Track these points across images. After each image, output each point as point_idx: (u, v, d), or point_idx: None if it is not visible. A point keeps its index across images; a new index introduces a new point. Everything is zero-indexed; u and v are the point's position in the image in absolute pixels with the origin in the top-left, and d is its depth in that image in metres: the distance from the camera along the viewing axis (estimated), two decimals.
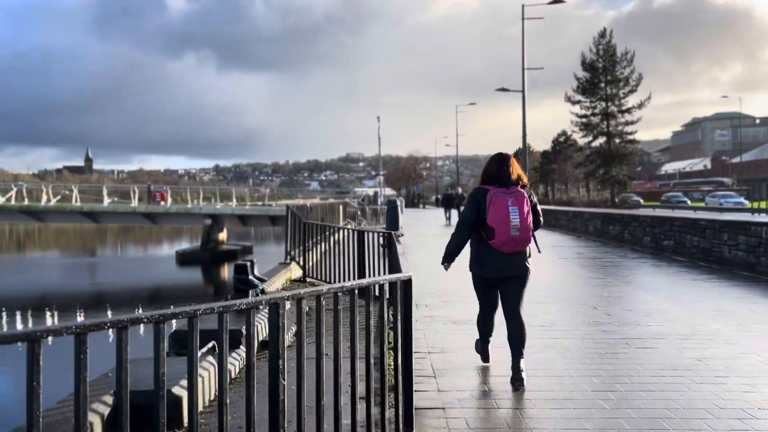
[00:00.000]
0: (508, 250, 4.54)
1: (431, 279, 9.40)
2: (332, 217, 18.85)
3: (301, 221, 9.63)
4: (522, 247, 4.58)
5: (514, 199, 4.49)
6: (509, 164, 4.67)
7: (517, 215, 4.45)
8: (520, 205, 4.48)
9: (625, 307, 7.60)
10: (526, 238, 4.54)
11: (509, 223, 4.42)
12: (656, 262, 12.91)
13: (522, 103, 28.48)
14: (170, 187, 50.64)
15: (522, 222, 4.45)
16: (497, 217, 4.43)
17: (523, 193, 4.56)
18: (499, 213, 4.44)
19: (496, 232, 4.45)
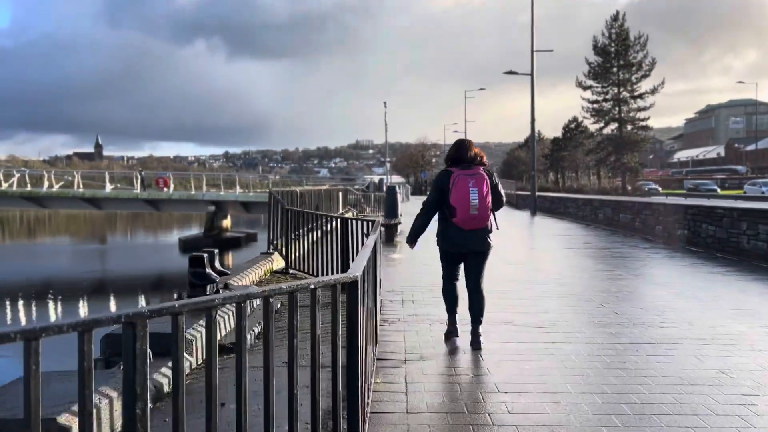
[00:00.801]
0: (469, 227, 4.97)
1: (425, 272, 8.69)
2: (330, 204, 18.10)
3: (283, 208, 8.90)
4: (481, 224, 4.99)
5: (475, 181, 4.89)
6: (467, 146, 5.14)
7: (476, 195, 4.87)
8: (480, 187, 4.89)
9: (635, 305, 6.83)
10: (485, 216, 4.96)
11: (469, 202, 4.85)
12: (669, 253, 12.10)
13: (531, 87, 27.50)
14: (173, 173, 50.11)
15: (481, 202, 4.88)
16: (458, 198, 4.86)
17: (483, 175, 4.95)
18: (460, 193, 4.86)
19: (457, 211, 4.89)
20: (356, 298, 2.51)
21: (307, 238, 9.23)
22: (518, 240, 15.19)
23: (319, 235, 8.84)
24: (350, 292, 2.52)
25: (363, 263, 2.77)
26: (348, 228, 7.43)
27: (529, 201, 29.41)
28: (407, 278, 8.65)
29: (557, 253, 11.97)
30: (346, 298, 2.53)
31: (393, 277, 8.81)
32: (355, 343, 2.51)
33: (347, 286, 2.52)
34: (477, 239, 5.05)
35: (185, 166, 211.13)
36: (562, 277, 8.79)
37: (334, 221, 7.78)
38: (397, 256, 11.39)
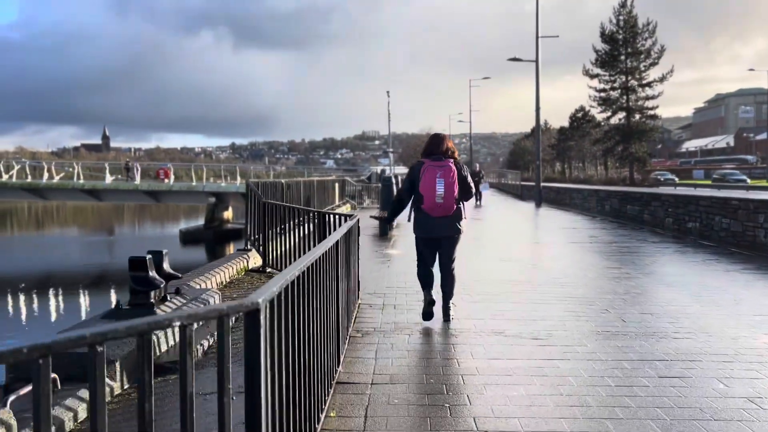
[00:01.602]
0: (436, 215, 5.39)
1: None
2: (324, 196, 17.37)
3: (261, 201, 8.18)
4: (447, 212, 5.38)
5: (443, 172, 5.30)
6: (440, 140, 5.56)
7: (442, 186, 5.27)
8: (447, 178, 5.29)
9: (645, 309, 6.08)
10: (450, 205, 5.34)
11: (435, 191, 5.27)
12: (680, 248, 11.31)
13: (536, 73, 26.59)
14: (174, 164, 49.57)
15: (446, 191, 5.28)
16: (425, 186, 5.31)
17: (452, 167, 5.35)
18: (427, 183, 5.30)
19: (424, 198, 5.34)
20: (257, 335, 1.79)
21: (291, 235, 8.51)
22: (520, 233, 14.44)
23: (306, 230, 8.12)
24: (249, 326, 1.79)
25: (279, 283, 2.05)
26: (325, 224, 6.70)
27: (534, 192, 28.60)
28: (395, 278, 7.93)
29: (560, 249, 11.21)
30: (244, 334, 1.81)
31: (380, 276, 8.10)
32: (256, 397, 1.79)
33: (245, 318, 1.80)
34: (445, 226, 5.48)
35: (192, 158, 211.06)
36: (564, 276, 8.04)
37: (313, 216, 7.04)
38: (391, 252, 10.67)
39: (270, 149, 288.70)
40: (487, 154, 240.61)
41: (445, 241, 5.58)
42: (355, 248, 5.95)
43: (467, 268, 8.68)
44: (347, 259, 5.11)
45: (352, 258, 5.64)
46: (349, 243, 5.44)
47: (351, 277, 5.51)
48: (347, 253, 5.14)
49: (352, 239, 5.75)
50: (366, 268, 8.74)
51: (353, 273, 5.71)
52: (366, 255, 10.33)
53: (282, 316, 2.16)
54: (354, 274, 5.75)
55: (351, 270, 5.48)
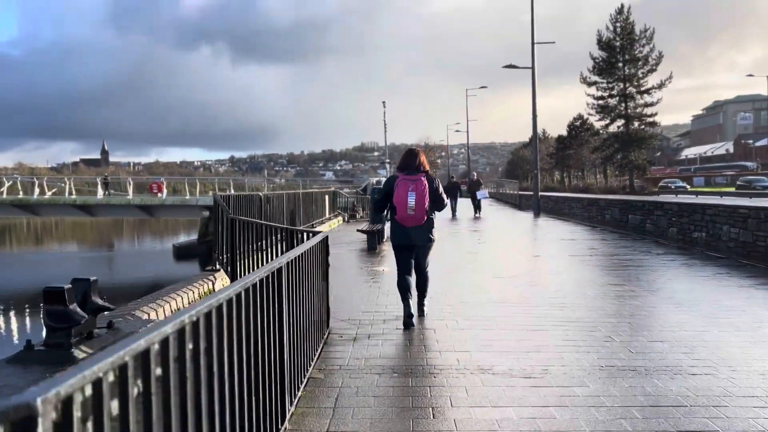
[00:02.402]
0: (409, 224, 5.81)
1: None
2: (313, 209, 16.65)
3: (228, 217, 7.44)
4: (418, 222, 5.79)
5: (414, 186, 5.72)
6: (414, 155, 5.97)
7: (413, 198, 5.68)
8: (418, 191, 5.70)
9: (654, 336, 5.33)
10: (421, 216, 5.74)
11: (406, 204, 5.69)
12: (687, 260, 10.58)
13: (532, 80, 25.95)
14: (167, 178, 48.96)
15: (417, 203, 5.69)
16: (398, 199, 5.74)
17: (423, 181, 5.75)
18: (400, 195, 5.72)
19: (397, 210, 5.78)
20: None
21: (265, 253, 7.76)
22: (516, 246, 13.70)
23: (283, 249, 7.39)
24: None
25: (103, 363, 1.31)
26: (294, 242, 5.97)
27: (532, 201, 27.88)
28: (377, 300, 7.18)
29: (559, 262, 10.46)
30: None
31: (362, 298, 7.35)
32: None
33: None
34: (417, 234, 5.92)
35: (191, 171, 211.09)
36: (562, 295, 7.29)
37: (282, 233, 6.30)
38: (380, 269, 9.92)
39: (269, 162, 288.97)
40: (486, 163, 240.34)
41: (418, 249, 6.03)
42: (323, 271, 5.21)
43: (458, 286, 7.95)
44: (310, 285, 4.39)
45: (318, 284, 4.91)
46: (314, 265, 4.72)
47: (317, 306, 4.78)
48: (310, 278, 4.41)
49: (318, 260, 5.03)
50: (348, 287, 8.01)
51: (320, 301, 4.98)
52: (350, 272, 9.59)
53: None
54: (321, 302, 5.02)
55: (316, 298, 4.74)
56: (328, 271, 5.40)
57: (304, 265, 4.27)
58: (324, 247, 5.25)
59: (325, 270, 5.31)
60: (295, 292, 3.83)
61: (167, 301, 5.90)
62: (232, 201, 8.66)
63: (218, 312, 2.41)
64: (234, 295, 2.56)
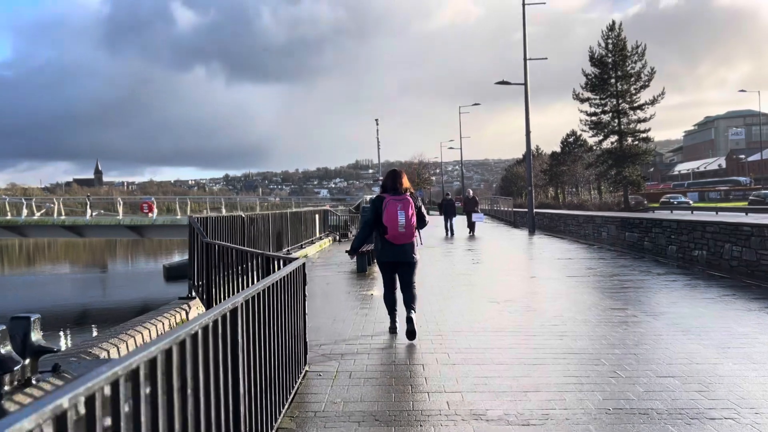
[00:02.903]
0: (398, 242, 6.16)
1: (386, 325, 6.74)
2: (302, 229, 16.17)
3: (203, 242, 6.96)
4: (407, 240, 6.16)
5: (402, 205, 6.10)
6: (399, 177, 6.28)
7: (403, 217, 6.07)
8: (406, 210, 6.10)
9: (663, 370, 4.86)
10: (410, 233, 6.14)
11: (397, 222, 6.06)
12: (689, 281, 10.13)
13: (525, 96, 25.70)
14: (158, 197, 48.39)
15: (407, 222, 6.08)
16: (389, 218, 6.08)
17: (409, 200, 6.14)
18: (390, 215, 6.07)
19: (388, 229, 6.10)
20: None
21: (245, 279, 7.27)
22: (511, 266, 13.23)
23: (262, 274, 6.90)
24: None
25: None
26: (271, 269, 5.49)
27: (527, 218, 27.48)
28: (363, 330, 6.69)
29: (556, 284, 10.00)
30: None
31: (346, 327, 6.85)
32: None
33: None
34: (405, 252, 6.21)
35: (185, 190, 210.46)
36: (562, 322, 6.82)
37: (258, 259, 5.82)
38: (369, 293, 9.42)
39: (264, 180, 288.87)
40: (480, 180, 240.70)
41: (405, 266, 6.28)
42: (299, 301, 4.74)
43: (451, 313, 7.47)
44: (282, 320, 3.91)
45: (294, 316, 4.44)
46: (287, 297, 4.25)
47: (291, 342, 4.30)
48: (281, 312, 3.94)
49: (295, 290, 4.56)
50: (333, 314, 7.51)
51: (296, 336, 4.50)
52: (337, 297, 9.10)
53: None
54: (296, 338, 4.54)
55: (290, 334, 4.27)
56: (305, 301, 4.92)
57: (274, 297, 3.80)
58: (300, 276, 4.77)
59: (302, 300, 4.83)
60: (259, 331, 3.36)
61: (132, 335, 5.40)
62: (210, 223, 8.18)
63: (150, 366, 1.96)
64: (174, 345, 2.11)
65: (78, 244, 63.57)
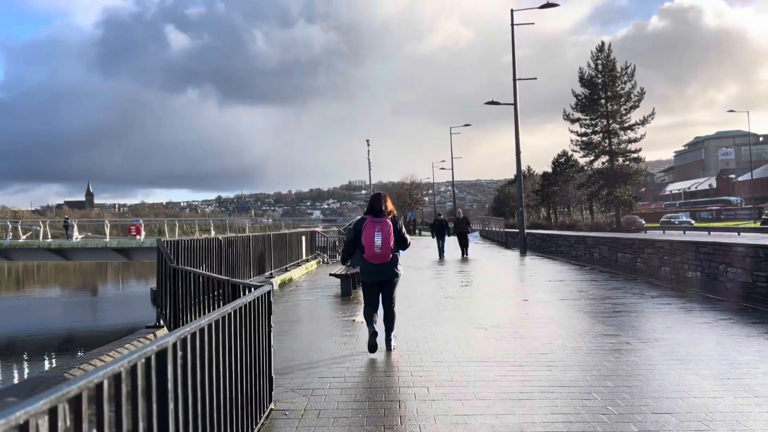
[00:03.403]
0: (375, 262, 6.51)
1: (360, 372, 6.32)
2: (287, 252, 15.77)
3: (170, 267, 6.56)
4: (384, 260, 6.48)
5: (380, 227, 6.45)
6: (380, 201, 6.62)
7: (379, 239, 6.41)
8: (384, 232, 6.43)
9: (660, 405, 4.47)
10: (386, 254, 6.45)
11: (374, 243, 6.41)
12: (684, 303, 9.79)
13: (514, 115, 25.56)
14: (145, 219, 47.88)
15: (383, 243, 6.41)
16: (366, 239, 6.46)
17: (388, 222, 6.49)
18: (368, 236, 6.44)
19: (365, 249, 6.49)
20: None
21: (213, 307, 6.86)
22: (502, 289, 12.86)
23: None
24: None
25: None
26: (239, 296, 5.09)
27: (518, 239, 27.17)
28: (341, 361, 6.28)
29: (546, 309, 9.62)
30: None
31: (322, 357, 6.44)
32: None
33: None
34: (384, 271, 6.49)
35: (177, 212, 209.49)
36: (551, 350, 6.43)
37: (227, 286, 5.43)
38: (353, 319, 9.01)
39: (256, 201, 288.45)
40: (472, 200, 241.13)
41: (384, 284, 6.62)
42: (263, 333, 4.34)
43: (435, 341, 7.06)
44: (239, 356, 3.52)
45: (257, 350, 4.05)
46: (248, 329, 3.87)
47: (252, 380, 3.90)
48: (238, 347, 3.55)
49: (259, 320, 4.17)
50: (310, 343, 7.10)
51: (259, 372, 4.10)
52: (318, 324, 8.69)
53: None
54: (260, 374, 4.14)
55: (251, 370, 3.87)
56: (270, 332, 4.52)
57: (231, 329, 3.42)
58: (264, 305, 4.39)
59: (267, 332, 4.43)
60: (207, 370, 2.97)
61: (83, 369, 4.98)
62: (182, 248, 7.79)
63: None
64: (85, 390, 1.75)
65: (68, 267, 62.89)
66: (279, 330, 8.02)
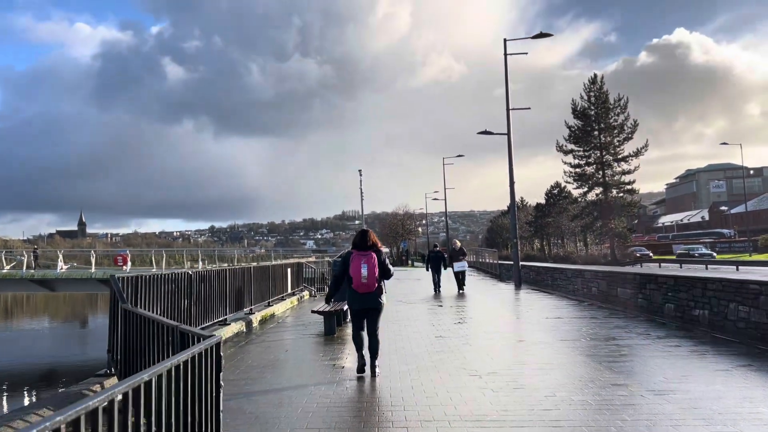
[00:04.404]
0: (362, 291, 7.19)
1: (362, 403, 5.50)
2: (270, 285, 14.92)
3: (121, 307, 5.76)
4: (369, 289, 7.15)
5: (366, 260, 7.13)
6: (365, 236, 7.35)
7: (366, 270, 7.09)
8: (369, 264, 7.11)
9: None
10: (372, 284, 7.13)
11: (360, 274, 7.09)
12: (695, 346, 9.01)
13: (508, 145, 25.01)
14: (140, 249, 46.89)
15: (369, 274, 7.09)
16: (353, 271, 7.15)
17: (373, 256, 7.15)
18: (355, 268, 7.14)
19: (353, 280, 7.17)
20: None
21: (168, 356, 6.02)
22: (497, 327, 12.04)
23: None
24: None
25: None
26: (184, 345, 4.29)
27: (513, 272, 26.40)
28: (313, 416, 5.44)
29: (547, 352, 8.81)
30: None
31: (292, 411, 5.60)
32: None
33: None
34: (369, 300, 7.24)
35: (170, 242, 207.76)
36: (555, 406, 5.63)
37: (175, 334, 4.62)
38: (338, 364, 8.15)
39: (250, 231, 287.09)
40: (465, 231, 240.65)
41: (370, 312, 7.25)
42: (209, 395, 3.54)
43: (422, 392, 6.23)
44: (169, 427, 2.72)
45: (193, 419, 3.25)
46: (191, 389, 3.08)
47: None
48: (173, 417, 2.76)
49: (205, 381, 3.39)
50: (280, 398, 6.25)
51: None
52: (294, 370, 7.84)
53: None
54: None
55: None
56: (218, 394, 3.72)
57: (168, 393, 2.64)
58: (212, 360, 3.59)
59: (213, 394, 3.63)
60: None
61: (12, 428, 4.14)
62: (143, 283, 6.98)
63: None
64: None
65: (57, 297, 61.61)
66: (247, 378, 7.17)
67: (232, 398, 6.04)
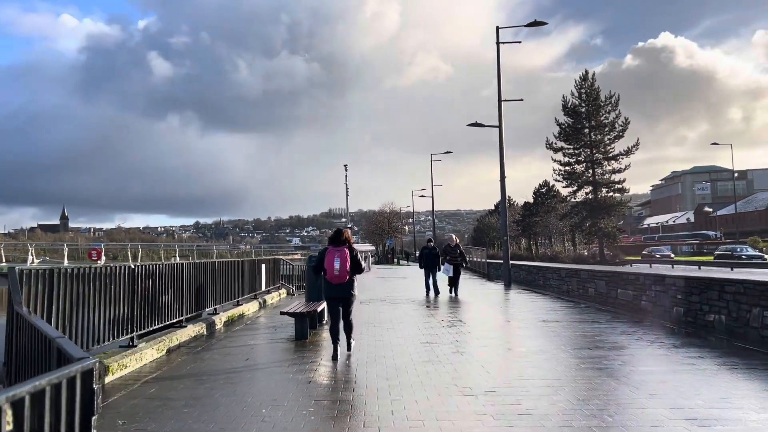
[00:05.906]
0: (335, 282, 8.13)
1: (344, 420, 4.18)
2: (242, 282, 13.55)
3: (14, 311, 4.42)
4: (341, 280, 8.11)
5: (339, 254, 8.09)
6: (339, 233, 8.34)
7: (338, 263, 8.02)
8: (342, 257, 8.06)
9: None
10: (344, 275, 8.08)
11: (333, 267, 8.02)
12: (721, 358, 7.80)
13: (499, 137, 23.80)
14: (106, 244, 45.17)
15: (340, 266, 8.03)
16: (328, 263, 8.08)
17: (345, 251, 8.13)
18: (329, 261, 8.06)
19: (326, 272, 8.11)
20: None
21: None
22: (489, 332, 10.77)
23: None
24: None
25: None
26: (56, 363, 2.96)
27: (502, 271, 25.22)
28: None
29: (549, 364, 7.56)
30: None
31: None
32: None
33: None
34: (342, 290, 8.19)
35: (153, 237, 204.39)
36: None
37: (52, 350, 3.30)
38: (310, 380, 6.86)
39: (235, 228, 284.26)
40: (452, 230, 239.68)
41: (343, 300, 8.31)
42: None
43: (407, 419, 4.92)
44: None
45: None
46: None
47: None
48: None
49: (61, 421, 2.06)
50: (224, 425, 4.92)
51: None
52: (252, 386, 6.51)
53: None
54: None
55: None
56: None
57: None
58: (80, 395, 2.27)
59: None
60: None
61: None
62: (61, 278, 5.63)
63: None
64: None
65: None
66: (190, 397, 5.83)
67: (164, 427, 4.72)
